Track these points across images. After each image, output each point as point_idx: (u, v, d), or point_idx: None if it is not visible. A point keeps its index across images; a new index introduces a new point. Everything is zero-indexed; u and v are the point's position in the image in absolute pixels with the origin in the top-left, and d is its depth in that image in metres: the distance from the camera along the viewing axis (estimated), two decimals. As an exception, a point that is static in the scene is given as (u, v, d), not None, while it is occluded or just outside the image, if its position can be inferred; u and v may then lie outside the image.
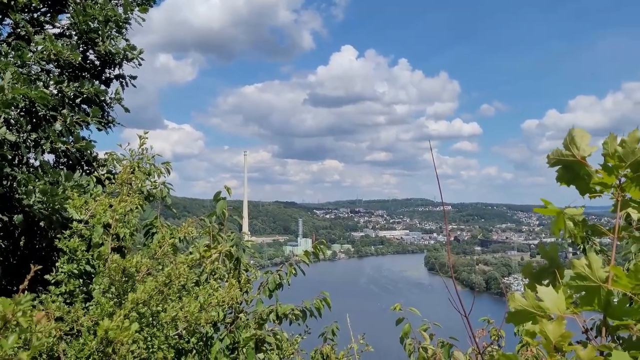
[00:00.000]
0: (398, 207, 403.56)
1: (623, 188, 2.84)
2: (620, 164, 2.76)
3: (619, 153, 2.72)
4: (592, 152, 2.83)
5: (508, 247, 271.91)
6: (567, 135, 2.84)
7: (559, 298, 2.57)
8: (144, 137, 5.77)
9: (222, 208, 6.72)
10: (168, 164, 7.98)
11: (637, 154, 2.69)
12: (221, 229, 6.96)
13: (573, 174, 2.93)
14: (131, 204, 5.06)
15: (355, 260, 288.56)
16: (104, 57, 8.01)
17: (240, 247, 6.39)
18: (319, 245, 6.55)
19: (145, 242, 7.26)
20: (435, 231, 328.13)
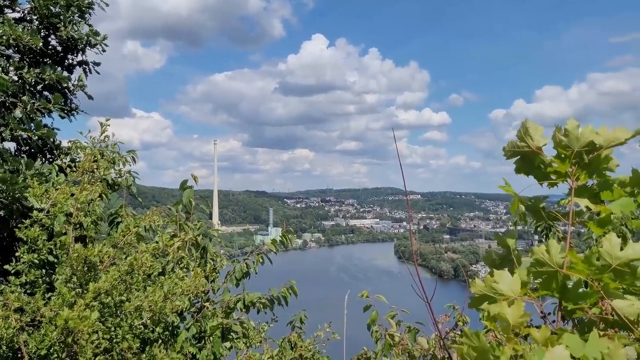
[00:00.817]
0: (368, 196, 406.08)
1: (575, 175, 2.92)
2: (568, 152, 2.84)
3: (564, 142, 2.81)
4: (546, 143, 2.92)
5: (476, 235, 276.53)
6: (520, 127, 2.93)
7: (514, 281, 2.64)
8: (105, 125, 5.66)
9: (188, 197, 6.66)
10: (133, 152, 7.86)
11: (580, 140, 2.78)
12: (188, 217, 6.90)
13: (530, 164, 3.02)
14: (93, 192, 4.97)
15: (325, 249, 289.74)
16: (66, 43, 7.80)
17: (207, 236, 6.35)
18: (286, 234, 6.54)
19: (110, 232, 7.16)
20: (405, 220, 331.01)
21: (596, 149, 2.81)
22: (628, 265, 2.61)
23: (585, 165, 2.88)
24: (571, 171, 2.92)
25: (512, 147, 3.00)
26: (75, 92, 8.11)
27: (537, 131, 2.91)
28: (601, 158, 2.85)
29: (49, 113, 7.44)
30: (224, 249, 51.86)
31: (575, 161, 2.88)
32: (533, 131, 2.90)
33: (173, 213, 6.89)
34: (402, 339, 5.45)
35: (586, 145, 2.81)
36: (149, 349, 4.96)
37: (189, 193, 6.59)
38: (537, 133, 2.91)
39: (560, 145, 2.88)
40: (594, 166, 2.88)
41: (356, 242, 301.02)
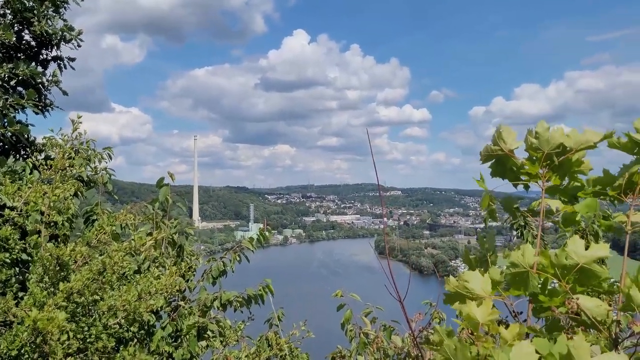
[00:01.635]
0: (349, 192, 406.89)
1: (546, 177, 2.97)
2: (539, 154, 2.89)
3: (535, 144, 2.86)
4: (518, 146, 2.98)
5: (456, 231, 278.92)
6: (494, 132, 2.99)
7: (485, 281, 2.67)
8: (77, 122, 5.58)
9: (164, 194, 6.60)
10: (109, 149, 7.77)
11: (551, 142, 2.83)
12: (164, 215, 6.84)
13: (503, 167, 3.08)
14: (66, 191, 4.90)
15: (306, 245, 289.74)
16: (40, 38, 7.67)
17: (183, 234, 6.31)
18: (263, 233, 6.53)
19: (85, 229, 7.07)
20: (386, 215, 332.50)
21: (567, 151, 2.85)
22: (593, 264, 2.66)
23: (556, 168, 2.93)
24: (542, 173, 2.97)
25: (487, 151, 3.06)
26: (50, 88, 7.98)
27: (510, 135, 2.96)
28: (572, 161, 2.90)
29: (23, 109, 7.32)
30: (204, 245, 52.03)
31: (545, 163, 2.93)
32: (506, 135, 2.95)
33: (149, 211, 6.83)
34: (377, 337, 5.47)
35: (556, 147, 2.85)
36: (123, 348, 4.92)
37: (165, 190, 6.54)
38: (509, 137, 2.96)
39: (531, 147, 2.92)
40: (565, 168, 2.93)
41: (337, 238, 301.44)
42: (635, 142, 2.74)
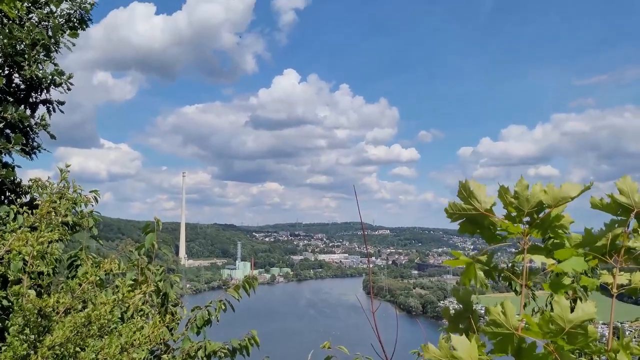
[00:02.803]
0: (337, 231, 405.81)
1: (527, 234, 2.97)
2: (520, 212, 2.89)
3: (515, 204, 2.86)
4: (494, 204, 2.93)
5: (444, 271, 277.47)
6: (461, 189, 2.85)
7: (472, 347, 2.63)
8: (65, 171, 5.55)
9: (151, 240, 6.55)
10: (96, 192, 7.72)
11: (530, 202, 2.82)
12: (150, 261, 6.77)
13: (477, 225, 3.00)
14: (50, 238, 4.83)
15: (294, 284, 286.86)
16: (30, 81, 7.70)
17: (168, 282, 6.22)
18: (250, 281, 6.45)
19: (68, 275, 6.96)
20: (374, 255, 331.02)
21: (546, 207, 2.85)
22: (580, 326, 2.64)
23: (537, 225, 2.91)
24: (523, 231, 2.96)
25: (456, 209, 2.94)
26: (38, 131, 7.98)
27: (481, 192, 2.86)
28: (552, 217, 2.90)
29: (9, 153, 7.28)
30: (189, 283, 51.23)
31: (526, 221, 2.92)
32: (478, 192, 2.84)
33: (135, 256, 6.76)
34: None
35: (536, 205, 2.84)
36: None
37: (151, 237, 6.48)
38: (482, 194, 2.86)
39: (511, 206, 2.91)
40: (546, 225, 2.92)
41: (325, 277, 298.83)
42: (618, 203, 2.77)
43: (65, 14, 8.04)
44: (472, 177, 3.24)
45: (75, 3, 8.06)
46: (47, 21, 7.83)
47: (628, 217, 2.76)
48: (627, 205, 2.73)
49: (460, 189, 2.85)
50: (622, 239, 2.78)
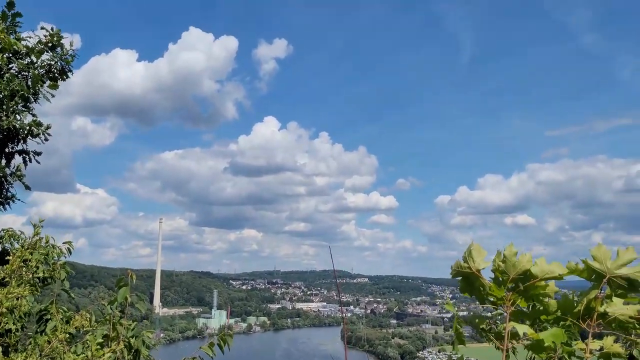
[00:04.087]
0: (316, 279, 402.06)
1: (511, 300, 3.01)
2: (505, 278, 2.94)
3: (502, 268, 2.92)
4: (485, 266, 3.03)
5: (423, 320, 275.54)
6: (466, 249, 3.06)
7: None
8: (39, 226, 5.47)
9: (124, 295, 6.40)
10: (69, 244, 7.59)
11: (517, 267, 2.90)
12: (122, 316, 6.61)
13: (472, 285, 3.12)
14: (20, 294, 4.71)
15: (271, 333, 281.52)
16: (7, 132, 7.62)
17: (141, 338, 6.06)
18: (225, 338, 6.30)
19: (37, 330, 6.75)
20: (352, 303, 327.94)
21: (532, 277, 2.91)
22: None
23: (521, 292, 2.98)
24: (507, 295, 3.00)
25: (457, 267, 3.12)
26: (12, 182, 7.85)
27: (479, 254, 3.03)
28: (537, 286, 2.95)
29: (-18, 204, 7.14)
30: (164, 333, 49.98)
31: (511, 287, 2.98)
32: (476, 254, 3.03)
33: (107, 311, 6.59)
34: None
35: (522, 273, 2.91)
36: None
37: (124, 291, 6.34)
38: (479, 256, 3.03)
39: (498, 270, 2.99)
40: (530, 293, 2.98)
41: (302, 326, 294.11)
42: (592, 269, 2.82)
43: (46, 64, 8.05)
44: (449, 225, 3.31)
45: (56, 54, 8.09)
46: (27, 72, 7.82)
47: (601, 283, 2.82)
48: (600, 271, 2.79)
49: (467, 249, 3.06)
50: (595, 304, 2.82)
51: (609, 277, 2.77)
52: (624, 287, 2.77)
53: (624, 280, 2.75)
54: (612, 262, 2.75)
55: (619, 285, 2.78)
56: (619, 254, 2.75)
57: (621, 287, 2.78)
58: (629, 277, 2.73)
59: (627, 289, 2.77)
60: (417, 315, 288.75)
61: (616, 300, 2.83)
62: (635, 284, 2.76)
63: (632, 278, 2.73)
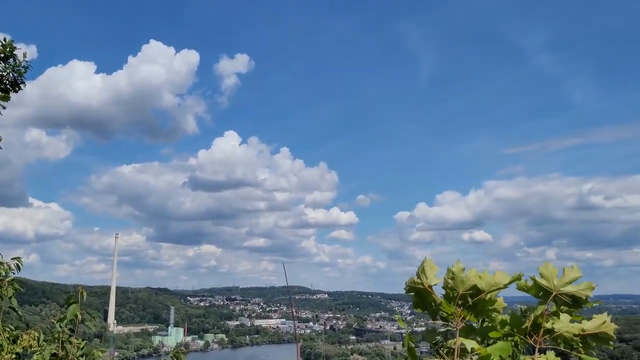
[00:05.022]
0: (275, 295, 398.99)
1: (461, 316, 3.07)
2: (455, 293, 3.00)
3: (451, 284, 2.99)
4: (437, 282, 3.09)
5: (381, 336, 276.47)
6: (420, 265, 3.11)
7: None
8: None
9: (73, 312, 6.23)
10: (19, 260, 7.36)
11: (465, 283, 2.97)
12: (72, 334, 6.42)
13: (425, 301, 3.17)
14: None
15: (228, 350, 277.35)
16: (-45, 143, 7.37)
17: (90, 357, 5.90)
18: (179, 353, 6.20)
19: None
20: (312, 320, 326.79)
21: (480, 292, 2.99)
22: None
23: (471, 307, 3.05)
24: (457, 312, 3.07)
25: (410, 282, 3.17)
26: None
27: (432, 270, 3.10)
28: (485, 300, 3.03)
29: None
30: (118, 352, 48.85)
31: (460, 302, 3.05)
32: (428, 270, 3.09)
33: (57, 329, 6.40)
34: None
35: (470, 288, 2.99)
36: None
37: (74, 309, 6.17)
38: (431, 272, 3.10)
39: (448, 286, 3.05)
40: (479, 308, 3.05)
41: (261, 343, 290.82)
42: (539, 286, 2.91)
43: (-3, 75, 7.85)
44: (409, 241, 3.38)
45: (8, 65, 7.89)
46: (-24, 82, 7.61)
47: (547, 299, 2.90)
48: (547, 289, 2.87)
49: (420, 265, 3.11)
50: (542, 320, 2.90)
51: (555, 294, 2.86)
52: (569, 304, 2.86)
53: (569, 297, 2.84)
54: (559, 279, 2.84)
55: (565, 302, 2.87)
56: (564, 272, 2.84)
57: (566, 304, 2.87)
58: (573, 294, 2.82)
59: (572, 305, 2.86)
60: (376, 331, 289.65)
61: (562, 317, 2.91)
62: (579, 301, 2.85)
63: (577, 295, 2.82)
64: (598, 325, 2.86)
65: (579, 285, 2.82)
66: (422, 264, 3.08)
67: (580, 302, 2.84)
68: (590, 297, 2.85)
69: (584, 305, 2.92)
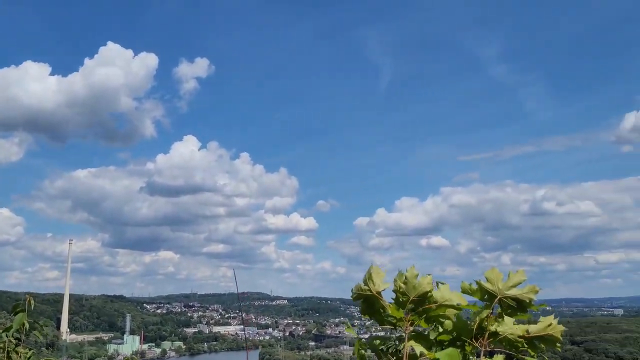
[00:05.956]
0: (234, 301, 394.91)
1: (410, 321, 3.09)
2: (405, 299, 3.03)
3: (402, 289, 3.01)
4: (385, 288, 3.11)
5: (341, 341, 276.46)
6: (366, 272, 3.12)
7: None
8: None
9: (20, 321, 6.04)
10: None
11: (417, 289, 2.99)
12: (19, 343, 6.23)
13: (372, 307, 3.18)
14: None
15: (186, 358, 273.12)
16: None
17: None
18: None
19: None
20: (271, 326, 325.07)
21: (432, 301, 3.01)
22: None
23: (421, 313, 3.07)
24: (406, 317, 3.09)
25: (357, 289, 3.17)
26: None
27: (378, 276, 3.10)
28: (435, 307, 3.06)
29: None
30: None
31: (411, 308, 3.06)
32: (375, 276, 3.09)
33: (2, 338, 6.20)
34: None
35: (422, 295, 3.01)
36: None
37: (21, 317, 5.98)
38: (378, 278, 3.10)
39: (399, 291, 3.07)
40: (430, 314, 3.07)
41: (219, 350, 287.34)
42: (484, 290, 2.97)
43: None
44: (368, 247, 3.41)
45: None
46: None
47: (492, 303, 2.97)
48: (492, 292, 2.93)
49: (367, 272, 3.10)
50: (487, 323, 2.96)
51: (500, 298, 2.92)
52: (513, 307, 2.93)
53: (513, 300, 2.91)
54: (504, 283, 2.91)
55: (509, 305, 2.94)
56: (509, 276, 2.91)
57: (511, 307, 2.94)
58: (517, 297, 2.89)
59: (516, 309, 2.93)
60: (336, 337, 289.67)
61: (507, 320, 2.98)
62: (523, 304, 2.92)
63: (521, 299, 2.89)
64: (544, 328, 2.93)
65: (523, 288, 2.89)
66: (369, 270, 3.09)
67: (524, 305, 2.92)
68: (534, 300, 2.93)
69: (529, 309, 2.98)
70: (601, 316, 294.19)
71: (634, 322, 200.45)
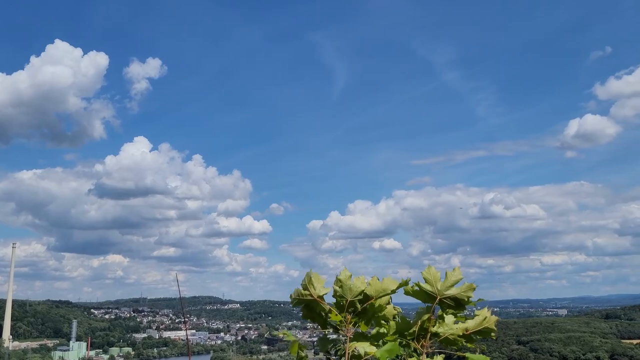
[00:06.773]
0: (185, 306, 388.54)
1: (351, 322, 3.12)
2: (344, 301, 3.05)
3: (339, 292, 3.04)
4: (327, 292, 3.13)
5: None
6: (305, 277, 3.14)
7: None
8: None
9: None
10: None
11: (353, 290, 3.03)
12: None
13: (313, 311, 3.20)
14: None
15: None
16: None
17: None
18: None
19: None
20: (223, 330, 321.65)
21: (368, 298, 3.05)
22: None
23: (360, 314, 3.10)
24: (347, 319, 3.11)
25: (297, 295, 3.19)
26: None
27: (318, 281, 3.14)
28: (375, 307, 3.09)
29: None
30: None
31: (350, 310, 3.09)
32: (315, 281, 3.13)
33: None
34: None
35: (358, 294, 3.04)
36: None
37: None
38: (318, 283, 3.14)
39: (337, 294, 3.10)
40: (369, 314, 3.11)
41: (170, 355, 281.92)
42: (424, 291, 3.01)
43: None
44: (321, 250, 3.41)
45: None
46: None
47: (433, 304, 3.01)
48: (432, 293, 2.97)
49: (304, 278, 3.14)
50: (428, 324, 3.00)
51: (439, 299, 2.96)
52: (452, 306, 2.98)
53: (452, 300, 2.95)
54: (442, 283, 2.95)
55: (449, 305, 2.98)
56: (447, 276, 2.95)
57: (450, 307, 2.99)
58: (455, 297, 2.94)
59: (455, 307, 2.98)
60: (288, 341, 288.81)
61: (447, 320, 3.03)
62: (462, 302, 2.97)
63: (459, 298, 2.94)
64: (480, 322, 3.00)
65: (461, 287, 2.94)
66: (308, 275, 3.12)
67: (462, 303, 2.97)
68: (472, 297, 2.98)
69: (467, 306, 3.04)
70: (546, 316, 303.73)
71: (576, 322, 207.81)
